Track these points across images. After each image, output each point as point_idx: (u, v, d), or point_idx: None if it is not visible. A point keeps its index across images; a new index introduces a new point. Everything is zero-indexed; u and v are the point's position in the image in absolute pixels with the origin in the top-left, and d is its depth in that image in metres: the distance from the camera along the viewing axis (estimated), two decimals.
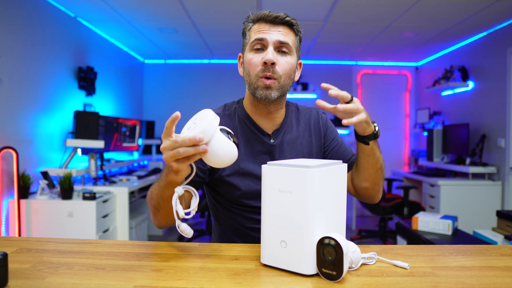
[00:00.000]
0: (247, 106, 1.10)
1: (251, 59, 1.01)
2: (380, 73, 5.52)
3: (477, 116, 3.97)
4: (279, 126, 1.10)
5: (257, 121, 1.09)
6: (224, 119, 1.09)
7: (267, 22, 1.01)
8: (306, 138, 1.14)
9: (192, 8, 3.25)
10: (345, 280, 0.69)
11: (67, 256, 0.82)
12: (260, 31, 1.01)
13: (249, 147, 1.07)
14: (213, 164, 0.76)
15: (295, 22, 1.03)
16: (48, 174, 2.73)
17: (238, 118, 1.10)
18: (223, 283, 0.67)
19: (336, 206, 0.77)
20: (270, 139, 1.09)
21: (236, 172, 1.05)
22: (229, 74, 5.43)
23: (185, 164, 0.74)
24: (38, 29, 2.90)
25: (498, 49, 3.63)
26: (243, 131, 1.08)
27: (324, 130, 1.18)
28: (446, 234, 2.30)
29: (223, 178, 1.05)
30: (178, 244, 0.92)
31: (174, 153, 0.71)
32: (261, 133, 1.08)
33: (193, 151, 0.70)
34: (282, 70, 1.00)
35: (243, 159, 1.05)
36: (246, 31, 1.06)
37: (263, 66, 0.98)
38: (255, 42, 1.00)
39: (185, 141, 0.70)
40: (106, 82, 4.10)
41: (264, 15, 1.01)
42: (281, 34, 1.00)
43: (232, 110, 1.12)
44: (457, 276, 0.72)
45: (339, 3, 3.09)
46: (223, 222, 1.13)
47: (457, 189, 3.61)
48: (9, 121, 2.59)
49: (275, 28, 1.01)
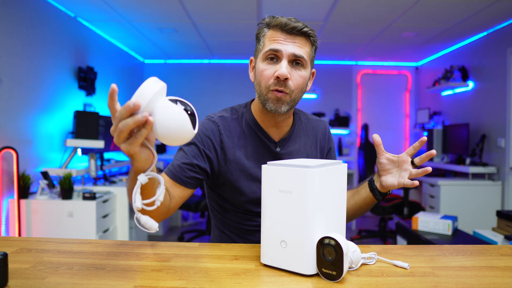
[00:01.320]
0: (255, 113, 1.09)
1: (264, 70, 0.97)
2: (380, 73, 5.52)
3: (477, 116, 3.97)
4: (286, 135, 1.10)
5: (265, 128, 1.08)
6: (232, 122, 1.07)
7: (283, 31, 0.96)
8: (312, 150, 1.15)
9: (192, 8, 3.25)
10: (345, 280, 0.69)
11: (67, 256, 0.82)
12: (275, 40, 0.96)
13: (257, 152, 1.06)
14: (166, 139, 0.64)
15: (312, 33, 0.98)
16: (48, 174, 2.73)
17: (246, 122, 1.08)
18: (223, 283, 0.67)
19: (336, 206, 0.77)
20: (276, 147, 1.08)
21: (244, 177, 1.04)
22: (229, 74, 5.44)
23: (133, 145, 0.63)
24: (38, 29, 2.90)
25: (498, 49, 3.63)
26: (250, 136, 1.07)
27: (328, 147, 1.20)
28: (446, 234, 2.30)
29: (230, 182, 1.04)
30: (178, 244, 0.92)
31: (118, 132, 0.61)
32: (268, 140, 1.07)
33: (132, 122, 0.60)
34: (294, 85, 0.97)
35: (251, 164, 1.05)
36: (260, 36, 1.01)
37: (275, 80, 0.95)
38: (269, 52, 0.96)
39: (121, 113, 0.60)
40: (106, 82, 4.10)
41: (281, 23, 0.95)
42: (297, 47, 0.96)
43: (239, 114, 1.10)
44: (457, 276, 0.72)
45: (339, 3, 3.09)
46: (223, 224, 1.13)
47: (457, 189, 3.61)
48: (9, 121, 2.59)
49: (291, 39, 0.95)
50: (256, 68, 1.02)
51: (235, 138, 1.06)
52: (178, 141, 0.65)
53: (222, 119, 1.07)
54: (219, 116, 1.08)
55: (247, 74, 5.31)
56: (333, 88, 5.47)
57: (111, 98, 0.61)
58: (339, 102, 5.46)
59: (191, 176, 1.00)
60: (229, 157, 1.04)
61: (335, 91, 5.48)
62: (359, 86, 5.50)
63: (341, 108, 5.45)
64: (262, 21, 1.02)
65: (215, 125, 1.05)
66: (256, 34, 1.04)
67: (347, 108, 5.47)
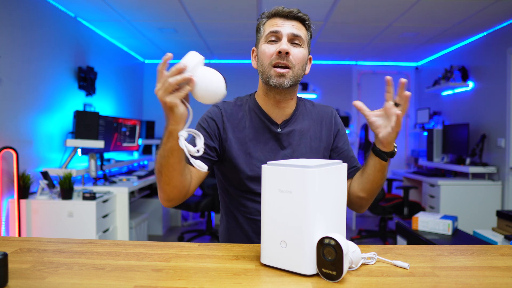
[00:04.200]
0: (259, 97, 1.14)
1: (265, 49, 1.05)
2: (380, 73, 5.52)
3: (477, 116, 3.97)
4: (288, 117, 1.13)
5: (267, 111, 1.12)
6: (234, 107, 1.14)
7: (281, 17, 1.06)
8: (316, 132, 1.15)
9: (192, 8, 3.25)
10: (345, 280, 0.69)
11: (67, 256, 0.82)
12: (275, 24, 1.06)
13: (258, 134, 1.11)
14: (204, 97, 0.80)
15: (307, 18, 1.09)
16: (48, 174, 2.73)
17: (249, 107, 1.14)
18: (223, 283, 0.67)
19: (336, 206, 0.77)
20: (277, 128, 1.11)
21: (244, 155, 1.09)
22: (229, 74, 5.41)
23: (177, 97, 0.79)
24: (38, 29, 2.90)
25: (498, 49, 3.63)
26: (252, 119, 1.12)
27: (336, 129, 1.18)
28: (446, 234, 2.30)
29: (230, 160, 1.09)
30: (178, 244, 0.92)
31: (166, 86, 0.78)
32: (269, 121, 1.11)
33: (180, 78, 0.77)
34: (295, 60, 1.04)
35: (251, 144, 1.09)
36: (260, 26, 1.11)
37: (277, 55, 1.02)
38: (269, 34, 1.05)
39: (172, 71, 0.78)
40: (106, 82, 4.10)
41: (278, 10, 1.06)
42: (294, 28, 1.05)
43: (243, 101, 1.17)
44: (457, 276, 0.72)
45: (339, 3, 3.09)
46: (231, 213, 1.15)
47: (457, 189, 3.61)
48: (9, 121, 2.59)
49: (288, 22, 1.05)
50: (258, 52, 1.10)
51: (236, 120, 1.12)
52: (212, 99, 0.81)
53: (225, 103, 1.15)
54: (222, 102, 1.16)
55: (247, 74, 5.31)
56: (333, 88, 5.47)
57: (163, 63, 0.78)
58: (339, 102, 5.46)
59: (204, 157, 1.04)
60: (230, 136, 1.10)
61: (335, 91, 5.48)
62: (359, 86, 5.50)
63: (341, 108, 5.45)
64: (260, 16, 1.12)
65: (218, 109, 1.13)
66: (256, 26, 1.13)
67: (347, 108, 5.47)
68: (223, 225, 1.21)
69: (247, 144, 1.09)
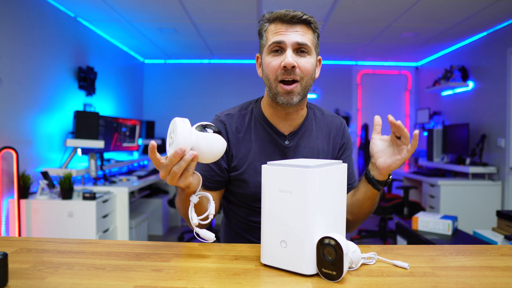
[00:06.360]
0: (264, 107, 1.09)
1: (270, 62, 0.98)
2: (380, 73, 5.52)
3: (477, 116, 3.97)
4: (297, 128, 1.08)
5: (274, 122, 1.07)
6: (239, 119, 1.08)
7: (283, 22, 0.97)
8: (324, 146, 1.11)
9: (192, 8, 3.25)
10: (345, 280, 0.69)
11: (67, 256, 0.82)
12: (277, 32, 0.97)
13: (264, 148, 1.06)
14: (209, 159, 0.79)
15: (312, 20, 1.00)
16: (48, 174, 2.73)
17: (254, 118, 1.09)
18: (223, 283, 0.67)
19: (336, 206, 0.77)
20: (285, 140, 1.07)
21: (248, 171, 1.05)
22: (229, 74, 5.43)
23: (188, 178, 0.78)
24: (38, 29, 2.90)
25: (498, 49, 3.62)
26: (258, 131, 1.07)
27: (342, 143, 1.15)
28: (446, 234, 2.30)
29: (236, 177, 1.06)
30: (178, 244, 0.92)
31: (172, 175, 0.76)
32: (276, 134, 1.07)
33: (184, 163, 0.74)
34: (303, 71, 0.97)
35: (256, 158, 1.05)
36: (262, 31, 1.03)
37: (282, 70, 0.96)
38: (272, 45, 0.97)
39: (172, 160, 0.74)
40: (106, 82, 4.10)
41: (280, 15, 0.97)
42: (299, 35, 0.96)
43: (248, 110, 1.11)
44: (457, 276, 0.72)
45: (339, 3, 3.09)
46: (232, 219, 1.14)
47: (457, 189, 3.61)
48: (9, 121, 2.59)
49: (292, 29, 0.97)
50: (262, 63, 1.03)
51: (241, 134, 1.07)
52: (217, 158, 0.80)
53: (229, 117, 1.09)
54: (226, 114, 1.10)
55: (247, 74, 5.31)
56: (333, 88, 5.47)
57: (152, 152, 0.75)
58: (339, 102, 5.46)
59: (216, 180, 1.05)
60: (235, 153, 1.06)
61: (335, 91, 5.48)
62: (359, 86, 5.50)
63: (341, 108, 5.45)
64: (262, 18, 1.03)
65: (222, 124, 1.08)
66: (258, 31, 1.05)
67: (347, 108, 5.47)
68: (223, 226, 1.21)
69: (251, 159, 1.05)
